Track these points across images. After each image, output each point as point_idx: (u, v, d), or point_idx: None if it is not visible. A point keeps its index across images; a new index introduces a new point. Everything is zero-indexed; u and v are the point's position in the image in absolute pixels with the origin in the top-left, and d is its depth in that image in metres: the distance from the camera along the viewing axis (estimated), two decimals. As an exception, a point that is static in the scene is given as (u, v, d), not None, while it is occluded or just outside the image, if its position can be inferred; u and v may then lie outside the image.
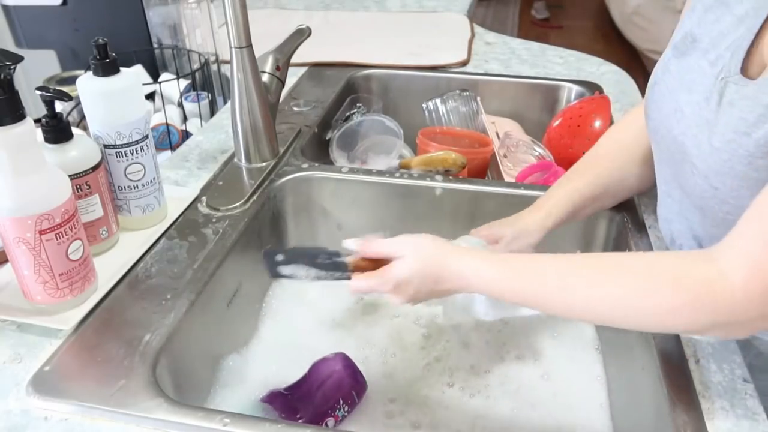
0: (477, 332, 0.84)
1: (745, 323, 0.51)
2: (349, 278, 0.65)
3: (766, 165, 0.52)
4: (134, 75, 0.76)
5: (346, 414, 0.71)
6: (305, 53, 1.10)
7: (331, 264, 0.65)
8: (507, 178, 1.02)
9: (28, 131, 0.58)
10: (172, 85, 1.19)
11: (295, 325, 0.86)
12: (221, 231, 0.79)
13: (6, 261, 0.68)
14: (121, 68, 0.72)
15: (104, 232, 0.75)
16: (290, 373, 0.79)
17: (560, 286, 0.57)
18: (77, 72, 1.16)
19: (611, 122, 1.06)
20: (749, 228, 0.50)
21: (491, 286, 0.60)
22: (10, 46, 1.35)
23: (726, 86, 0.56)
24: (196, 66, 1.22)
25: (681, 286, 0.51)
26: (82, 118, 0.97)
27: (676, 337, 0.64)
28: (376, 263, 0.64)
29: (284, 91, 0.99)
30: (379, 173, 0.92)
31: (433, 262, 0.61)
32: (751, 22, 0.56)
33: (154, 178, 0.78)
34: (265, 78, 0.93)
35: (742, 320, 0.50)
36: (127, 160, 0.75)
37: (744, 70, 0.55)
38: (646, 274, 0.54)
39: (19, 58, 0.57)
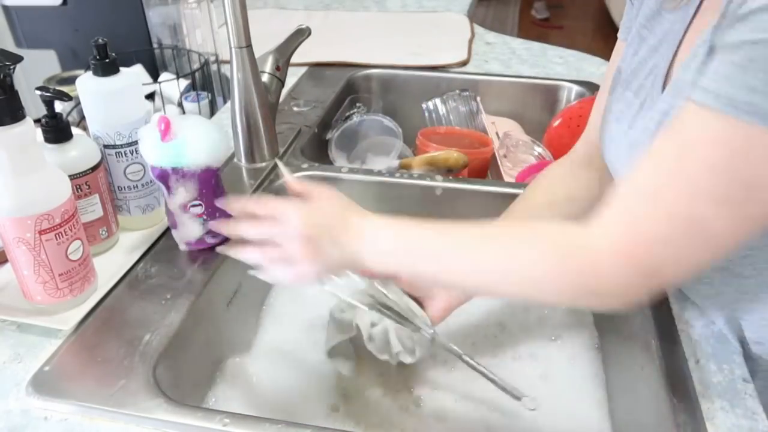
0: (474, 334, 0.84)
1: (618, 288, 0.49)
2: None
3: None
4: (134, 75, 0.76)
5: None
6: (305, 53, 1.10)
7: None
8: (507, 178, 1.02)
9: (27, 131, 0.58)
10: (172, 85, 1.19)
11: (296, 325, 0.86)
12: (221, 231, 0.79)
13: (6, 261, 0.68)
14: (121, 68, 0.73)
15: (104, 232, 0.75)
16: (290, 373, 0.79)
17: (451, 248, 0.58)
18: (77, 72, 1.16)
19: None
20: (622, 187, 0.50)
21: (384, 240, 0.60)
22: (10, 46, 1.35)
23: (649, 110, 0.57)
24: (196, 66, 1.22)
25: (547, 250, 0.51)
26: (82, 118, 0.97)
27: (676, 337, 0.64)
28: None
29: (284, 91, 0.99)
30: (379, 173, 0.92)
31: (340, 200, 0.62)
32: (665, 49, 0.58)
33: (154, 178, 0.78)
34: (265, 78, 0.93)
35: (612, 284, 0.49)
36: (127, 160, 0.75)
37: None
38: (520, 239, 0.54)
39: (19, 58, 0.57)
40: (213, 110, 1.25)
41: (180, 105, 1.20)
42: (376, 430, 0.72)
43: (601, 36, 4.46)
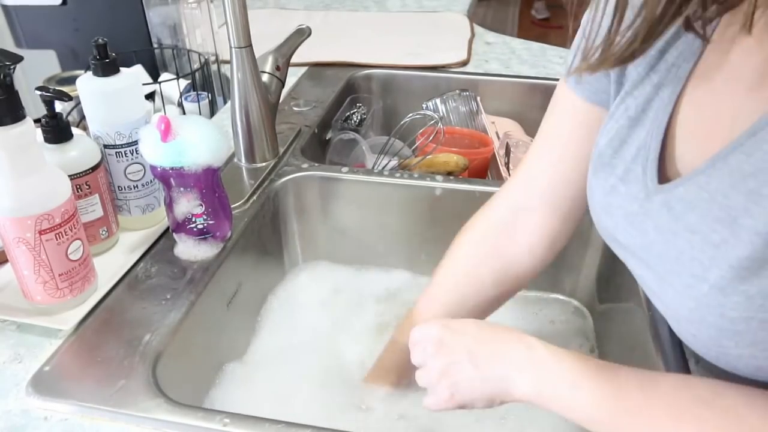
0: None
1: None
2: None
3: (741, 317, 0.42)
4: (134, 75, 0.76)
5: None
6: (305, 53, 1.10)
7: None
8: (507, 178, 1.02)
9: (27, 131, 0.58)
10: (172, 85, 1.18)
11: (296, 326, 0.86)
12: (221, 231, 0.79)
13: (6, 261, 0.68)
14: (121, 68, 0.72)
15: (104, 232, 0.75)
16: (290, 374, 0.79)
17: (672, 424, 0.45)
18: (77, 72, 1.16)
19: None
20: None
21: (572, 391, 0.48)
22: (10, 46, 1.35)
23: (646, 207, 0.48)
24: (196, 66, 1.22)
25: None
26: (82, 118, 0.96)
27: (676, 337, 0.64)
28: None
29: (284, 91, 0.99)
30: (379, 173, 0.92)
31: (485, 324, 0.55)
32: (652, 122, 0.49)
33: (154, 178, 0.78)
34: (265, 78, 0.93)
35: None
36: (127, 160, 0.75)
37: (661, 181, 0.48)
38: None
39: (19, 58, 0.57)
40: (213, 110, 1.25)
41: (180, 105, 1.20)
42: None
43: (601, 36, 4.45)
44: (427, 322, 0.58)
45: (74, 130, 0.71)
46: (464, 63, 1.33)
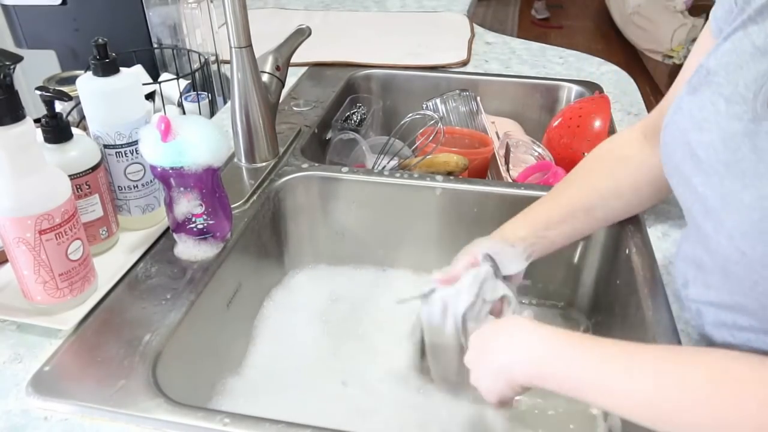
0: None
1: None
2: None
3: None
4: (134, 75, 0.76)
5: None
6: (305, 53, 1.10)
7: None
8: (507, 178, 1.02)
9: (27, 131, 0.58)
10: (172, 85, 1.18)
11: (296, 326, 0.86)
12: (221, 231, 0.79)
13: (6, 261, 0.68)
14: (121, 68, 0.72)
15: (104, 232, 0.75)
16: (291, 373, 0.79)
17: (654, 385, 0.49)
18: (77, 72, 1.16)
19: (611, 122, 1.06)
20: None
21: (563, 360, 0.54)
22: (10, 46, 1.35)
23: (749, 128, 0.49)
24: (196, 66, 1.22)
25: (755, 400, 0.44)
26: (82, 118, 0.96)
27: (676, 340, 0.64)
28: None
29: (284, 91, 0.99)
30: (379, 173, 0.92)
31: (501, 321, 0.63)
32: None
33: (154, 178, 0.78)
34: (265, 78, 0.93)
35: None
36: (127, 160, 0.75)
37: None
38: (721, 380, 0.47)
39: (19, 58, 0.57)
40: (213, 110, 1.25)
41: (180, 105, 1.20)
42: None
43: (601, 36, 4.46)
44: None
45: (74, 130, 0.71)
46: (464, 63, 1.33)
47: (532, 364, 0.56)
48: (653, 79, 3.54)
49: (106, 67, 0.71)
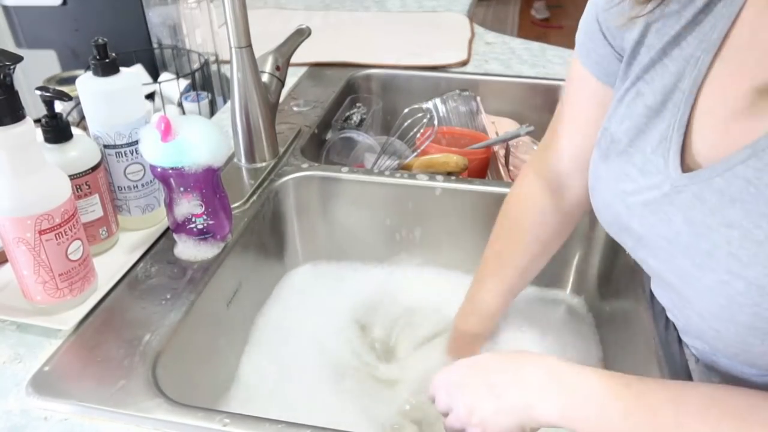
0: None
1: None
2: None
3: None
4: (134, 75, 0.76)
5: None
6: (305, 53, 1.10)
7: None
8: (507, 179, 1.02)
9: (27, 131, 0.58)
10: (172, 85, 1.19)
11: (296, 326, 0.86)
12: (221, 231, 0.79)
13: (6, 261, 0.68)
14: (121, 68, 0.72)
15: (104, 232, 0.75)
16: (291, 372, 0.79)
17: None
18: (77, 72, 1.16)
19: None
20: None
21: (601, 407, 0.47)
22: (10, 46, 1.35)
23: (673, 198, 0.47)
24: (196, 66, 1.22)
25: None
26: (82, 118, 0.97)
27: (676, 337, 0.64)
28: None
29: (284, 91, 0.99)
30: (379, 173, 0.92)
31: (503, 353, 0.60)
32: (673, 115, 0.48)
33: (154, 178, 0.78)
34: (265, 78, 0.93)
35: None
36: (127, 160, 0.75)
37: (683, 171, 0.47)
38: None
39: (19, 58, 0.57)
40: (213, 110, 1.25)
41: (180, 105, 1.20)
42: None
43: (601, 36, 4.45)
44: (445, 368, 0.58)
45: (74, 130, 0.71)
46: (464, 63, 1.33)
47: (563, 407, 0.49)
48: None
49: (106, 67, 0.71)
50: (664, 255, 0.49)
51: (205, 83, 1.23)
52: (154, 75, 1.30)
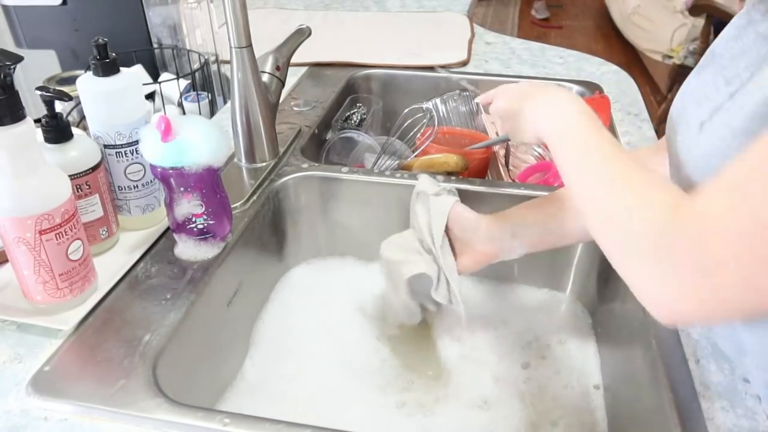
0: (479, 330, 0.84)
1: (697, 244, 0.41)
2: None
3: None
4: (134, 75, 0.76)
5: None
6: (305, 53, 1.10)
7: None
8: (507, 179, 1.02)
9: (28, 131, 0.58)
10: (172, 85, 1.18)
11: (295, 326, 0.86)
12: (221, 231, 0.79)
13: (6, 261, 0.68)
14: (121, 68, 0.73)
15: (104, 232, 0.75)
16: (291, 371, 0.79)
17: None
18: (77, 72, 1.16)
19: (611, 122, 1.06)
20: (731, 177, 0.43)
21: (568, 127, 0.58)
22: (10, 46, 1.35)
23: (745, 110, 0.50)
24: (196, 66, 1.22)
25: (646, 192, 0.47)
26: (82, 118, 0.97)
27: (676, 337, 0.64)
28: None
29: (284, 91, 0.99)
30: (379, 173, 0.92)
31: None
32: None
33: (154, 178, 0.78)
34: (265, 78, 0.93)
35: (694, 235, 0.41)
36: (127, 160, 0.75)
37: None
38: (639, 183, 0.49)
39: (19, 58, 0.57)
40: (213, 110, 1.25)
41: (180, 105, 1.20)
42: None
43: (601, 36, 4.46)
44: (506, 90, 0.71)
45: (74, 130, 0.71)
46: (464, 63, 1.33)
47: (559, 128, 0.60)
48: (653, 79, 3.54)
49: (106, 67, 0.71)
50: (691, 140, 0.55)
51: (205, 83, 1.23)
52: (154, 75, 1.30)
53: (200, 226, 0.73)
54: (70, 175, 0.65)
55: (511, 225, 0.76)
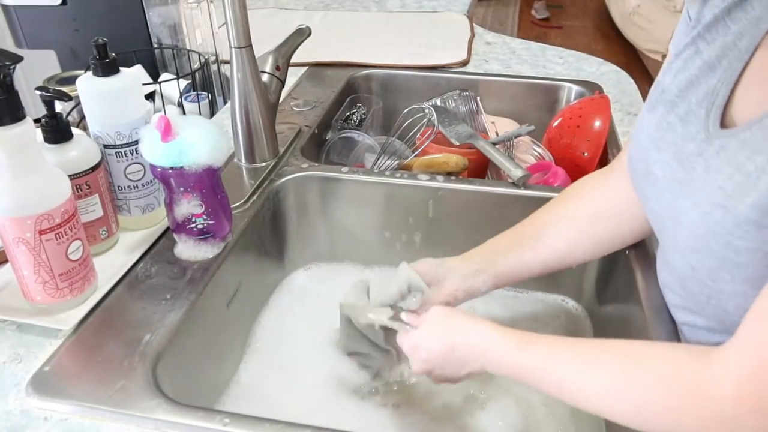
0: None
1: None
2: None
3: (747, 248, 0.45)
4: (134, 75, 0.76)
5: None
6: (305, 53, 1.10)
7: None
8: (507, 179, 1.01)
9: (27, 131, 0.58)
10: (172, 85, 1.18)
11: (296, 326, 0.86)
12: (221, 231, 0.79)
13: (6, 261, 0.68)
14: (121, 68, 0.73)
15: (104, 232, 0.75)
16: (291, 371, 0.79)
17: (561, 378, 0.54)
18: (77, 72, 1.16)
19: (611, 122, 1.06)
20: (747, 335, 0.44)
21: (502, 360, 0.58)
22: (10, 46, 1.35)
23: (703, 147, 0.50)
24: (196, 66, 1.22)
25: (669, 387, 0.47)
26: (82, 118, 0.97)
27: (676, 338, 0.64)
28: None
29: (284, 91, 0.99)
30: (379, 173, 0.92)
31: (448, 325, 0.62)
32: (726, 70, 0.50)
33: (154, 178, 0.78)
34: (265, 78, 0.93)
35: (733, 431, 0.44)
36: (127, 160, 0.75)
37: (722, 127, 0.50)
38: (637, 367, 0.50)
39: (19, 58, 0.57)
40: (213, 110, 1.25)
41: (180, 105, 1.20)
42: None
43: (601, 36, 4.46)
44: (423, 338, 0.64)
45: (74, 130, 0.71)
46: (464, 63, 1.33)
47: (490, 365, 0.60)
48: (653, 79, 3.53)
49: (106, 67, 0.71)
50: (671, 196, 0.53)
51: (205, 83, 1.23)
52: (154, 75, 1.30)
53: (200, 226, 0.73)
54: (69, 175, 0.65)
55: (481, 258, 0.73)
